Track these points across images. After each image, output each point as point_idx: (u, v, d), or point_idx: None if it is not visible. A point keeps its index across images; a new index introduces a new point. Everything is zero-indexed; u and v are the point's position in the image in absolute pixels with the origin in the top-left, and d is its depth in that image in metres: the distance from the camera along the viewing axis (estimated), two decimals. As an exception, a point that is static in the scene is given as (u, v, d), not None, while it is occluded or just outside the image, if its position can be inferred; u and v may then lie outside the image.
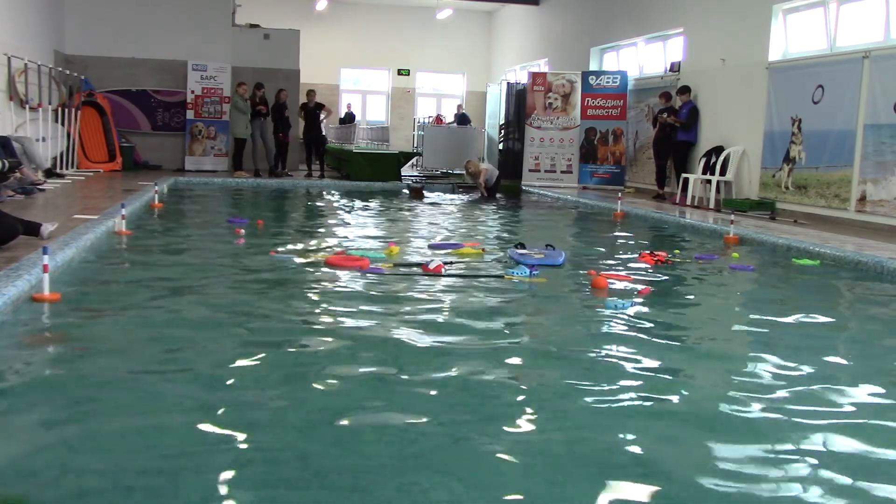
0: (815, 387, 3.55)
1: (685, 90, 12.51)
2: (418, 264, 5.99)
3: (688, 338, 4.52)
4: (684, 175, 12.14)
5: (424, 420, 2.96)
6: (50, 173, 10.76)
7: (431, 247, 7.14)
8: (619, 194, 11.70)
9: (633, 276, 5.96)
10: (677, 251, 7.32)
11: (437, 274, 5.69)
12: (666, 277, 6.17)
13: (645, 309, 4.93)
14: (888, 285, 6.11)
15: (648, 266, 6.49)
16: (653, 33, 14.36)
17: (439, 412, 3.06)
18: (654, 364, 3.82)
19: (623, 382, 3.51)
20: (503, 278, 5.66)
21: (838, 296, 5.97)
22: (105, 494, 2.30)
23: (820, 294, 5.95)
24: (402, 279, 5.58)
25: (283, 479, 2.43)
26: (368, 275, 5.64)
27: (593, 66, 16.32)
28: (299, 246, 7.10)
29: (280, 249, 6.64)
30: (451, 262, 6.15)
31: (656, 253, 6.90)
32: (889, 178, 9.01)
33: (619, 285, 5.60)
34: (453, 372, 3.54)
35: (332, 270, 5.79)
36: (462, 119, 20.71)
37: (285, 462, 2.54)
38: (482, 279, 5.70)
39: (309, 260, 6.24)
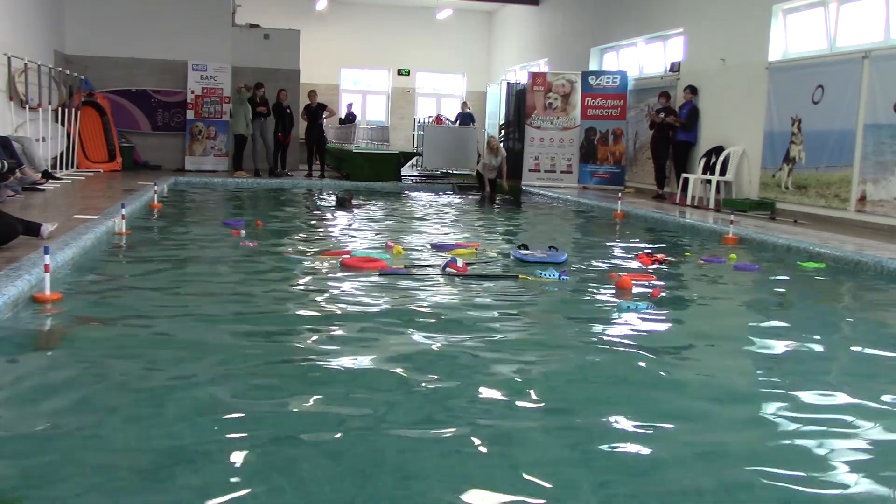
0: (825, 387, 3.55)
1: (693, 90, 12.49)
2: (439, 264, 5.99)
3: (699, 338, 4.50)
4: (684, 175, 12.14)
5: (433, 417, 2.97)
6: (47, 175, 10.74)
7: (434, 246, 7.15)
8: (619, 194, 11.70)
9: (653, 277, 5.95)
10: (688, 253, 7.30)
11: (462, 274, 5.69)
12: (675, 279, 6.17)
13: (656, 311, 4.92)
14: (889, 285, 6.12)
15: (647, 267, 6.48)
16: (653, 33, 14.36)
17: (448, 412, 3.06)
18: (664, 364, 3.82)
19: (632, 384, 3.52)
20: (517, 279, 5.67)
21: (844, 296, 5.97)
22: (104, 494, 2.30)
23: (825, 293, 5.95)
24: (419, 279, 5.57)
25: (287, 479, 2.43)
26: (386, 276, 5.62)
27: (593, 66, 16.31)
28: (305, 246, 7.09)
29: (290, 250, 6.64)
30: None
31: (654, 255, 6.89)
32: (889, 178, 9.00)
33: (639, 285, 5.60)
34: (466, 373, 3.54)
35: (348, 272, 5.75)
36: (464, 118, 20.67)
37: (289, 463, 2.54)
38: (497, 279, 5.71)
39: (317, 259, 6.23)
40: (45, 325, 4.08)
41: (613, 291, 5.42)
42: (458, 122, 20.49)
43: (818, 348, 4.29)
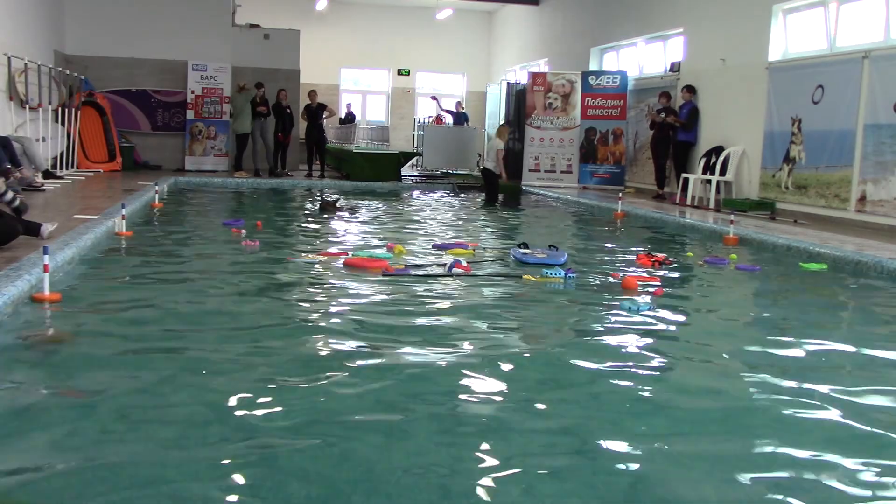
0: (826, 389, 3.55)
1: (691, 90, 12.50)
2: (441, 264, 5.99)
3: (701, 339, 4.50)
4: (684, 175, 12.14)
5: (436, 417, 2.97)
6: (48, 174, 10.75)
7: (436, 247, 7.16)
8: (620, 194, 11.70)
9: (657, 277, 5.94)
10: (690, 254, 7.30)
11: (467, 274, 5.69)
12: (677, 279, 6.17)
13: (659, 311, 4.92)
14: (889, 285, 6.12)
15: (648, 268, 6.48)
16: (653, 33, 14.36)
17: (451, 412, 3.06)
18: (667, 366, 3.82)
19: (634, 385, 3.52)
20: (521, 278, 5.67)
21: (845, 296, 5.96)
22: (103, 497, 2.30)
23: (826, 294, 5.94)
24: (422, 279, 5.57)
25: (287, 481, 2.43)
26: (390, 276, 5.61)
27: (593, 66, 16.31)
28: (306, 246, 7.09)
29: (292, 251, 6.63)
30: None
31: (654, 255, 6.87)
32: (889, 178, 9.00)
33: (643, 285, 5.60)
34: (468, 374, 3.54)
35: (351, 272, 5.74)
36: (459, 118, 20.64)
37: (288, 466, 2.54)
38: (501, 280, 5.71)
39: (320, 259, 6.23)
40: (44, 325, 4.08)
41: (616, 291, 5.42)
42: (448, 113, 20.43)
43: (820, 349, 4.29)
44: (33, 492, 2.30)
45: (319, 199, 10.81)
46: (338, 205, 10.14)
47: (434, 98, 19.88)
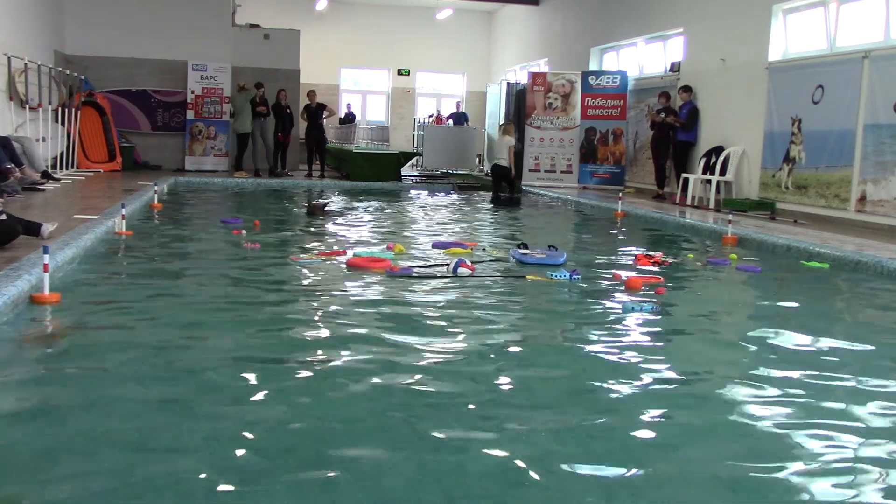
0: (829, 389, 3.55)
1: (687, 89, 12.52)
2: (443, 264, 6.00)
3: (703, 339, 4.51)
4: (684, 175, 12.14)
5: (434, 417, 2.97)
6: (46, 175, 10.75)
7: (435, 246, 7.16)
8: (620, 194, 11.69)
9: (659, 278, 5.94)
10: (690, 255, 7.29)
11: (472, 274, 5.70)
12: (678, 280, 6.16)
13: (661, 312, 4.92)
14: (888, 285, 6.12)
15: (650, 268, 6.48)
16: (653, 33, 14.36)
17: (449, 412, 3.06)
18: (666, 366, 3.82)
19: (634, 386, 3.52)
20: (525, 279, 5.67)
21: (846, 296, 5.96)
22: (103, 495, 2.30)
23: (827, 294, 5.94)
24: (425, 279, 5.57)
25: (286, 480, 2.43)
26: (393, 276, 5.61)
27: (593, 66, 16.31)
28: (307, 247, 7.09)
29: (295, 251, 6.64)
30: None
31: (652, 256, 6.86)
32: (889, 178, 9.00)
33: (646, 285, 5.60)
34: (471, 374, 3.54)
35: (354, 272, 5.74)
36: (459, 118, 20.68)
37: (287, 463, 2.54)
38: (505, 280, 5.71)
39: (321, 259, 6.22)
40: (43, 325, 4.08)
41: (618, 292, 5.42)
42: (450, 119, 20.52)
43: (822, 349, 4.29)
44: (30, 492, 2.30)
45: (307, 202, 10.55)
46: (326, 208, 9.92)
47: (435, 116, 20.16)
